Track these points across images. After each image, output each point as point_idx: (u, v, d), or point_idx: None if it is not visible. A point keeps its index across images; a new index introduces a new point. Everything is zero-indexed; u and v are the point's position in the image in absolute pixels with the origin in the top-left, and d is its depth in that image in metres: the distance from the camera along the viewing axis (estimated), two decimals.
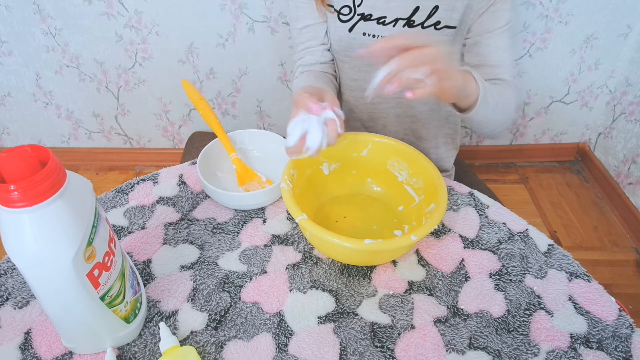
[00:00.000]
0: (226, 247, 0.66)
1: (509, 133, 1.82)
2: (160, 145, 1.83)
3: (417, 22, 0.80)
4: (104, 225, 0.48)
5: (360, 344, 0.55)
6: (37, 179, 0.39)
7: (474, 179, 1.09)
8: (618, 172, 1.69)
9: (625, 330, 0.57)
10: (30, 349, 0.53)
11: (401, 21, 0.81)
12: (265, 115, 1.72)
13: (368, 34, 0.83)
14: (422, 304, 0.59)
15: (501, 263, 0.65)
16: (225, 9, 1.43)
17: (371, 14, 0.81)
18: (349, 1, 0.81)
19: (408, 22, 0.81)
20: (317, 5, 0.84)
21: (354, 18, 0.82)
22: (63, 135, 1.79)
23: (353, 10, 0.82)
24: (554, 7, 1.46)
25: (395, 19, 0.81)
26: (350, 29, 0.83)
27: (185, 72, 1.58)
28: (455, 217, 0.71)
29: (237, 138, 0.80)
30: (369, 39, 0.84)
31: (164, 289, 0.60)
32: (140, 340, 0.55)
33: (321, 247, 0.63)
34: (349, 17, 0.82)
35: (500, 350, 0.55)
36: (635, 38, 1.55)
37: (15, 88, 1.63)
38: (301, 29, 0.88)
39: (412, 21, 0.80)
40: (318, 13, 0.85)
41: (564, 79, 1.65)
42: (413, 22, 0.80)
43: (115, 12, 1.44)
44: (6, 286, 0.60)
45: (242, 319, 0.57)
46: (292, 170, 0.64)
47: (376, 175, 0.73)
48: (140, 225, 0.69)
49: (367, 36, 0.83)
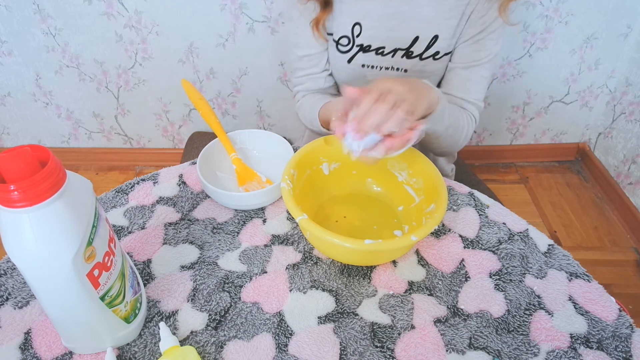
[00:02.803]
0: (226, 247, 0.66)
1: (509, 133, 1.82)
2: (160, 145, 1.83)
3: (415, 54, 0.79)
4: (104, 225, 0.48)
5: (360, 344, 0.55)
6: (37, 179, 0.39)
7: (474, 179, 1.09)
8: (618, 172, 1.69)
9: (625, 330, 0.57)
10: (30, 349, 0.53)
11: (400, 52, 0.80)
12: (265, 115, 1.72)
13: (367, 65, 0.82)
14: (422, 304, 0.59)
15: (501, 263, 0.65)
16: (225, 9, 1.43)
17: (370, 45, 0.80)
18: (347, 32, 0.80)
19: (407, 53, 0.80)
20: (314, 35, 0.82)
21: (353, 49, 0.81)
22: (63, 135, 1.79)
23: (352, 42, 0.80)
24: (554, 7, 1.46)
25: (394, 49, 0.80)
26: (349, 61, 0.82)
27: (185, 72, 1.58)
28: (455, 217, 0.71)
29: (237, 138, 0.80)
30: (369, 70, 0.83)
31: (164, 289, 0.60)
32: (140, 340, 0.55)
33: (321, 247, 0.63)
34: (348, 48, 0.81)
35: (500, 350, 0.55)
36: (635, 38, 1.55)
37: (15, 88, 1.63)
38: (301, 57, 0.86)
39: (411, 52, 0.79)
40: (317, 42, 0.83)
41: (564, 79, 1.65)
42: (412, 52, 0.79)
43: (115, 12, 1.44)
44: (6, 286, 0.60)
45: (242, 319, 0.57)
46: (292, 170, 0.64)
47: (376, 175, 0.73)
48: (140, 225, 0.69)
49: (367, 67, 0.82)
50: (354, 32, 0.79)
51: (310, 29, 0.81)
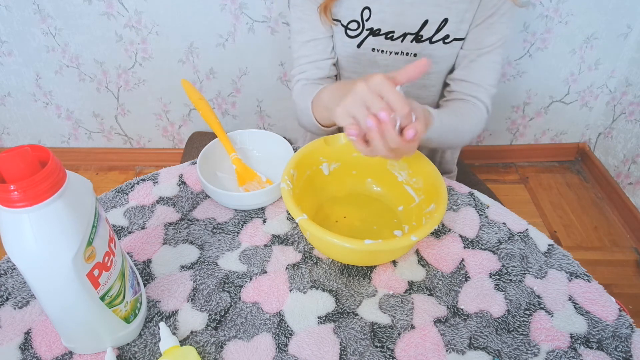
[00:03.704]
0: (226, 247, 0.66)
1: (509, 133, 1.82)
2: (160, 145, 1.83)
3: (425, 37, 0.79)
4: (104, 225, 0.48)
5: (360, 344, 0.55)
6: (37, 179, 0.39)
7: (474, 179, 1.09)
8: (618, 172, 1.69)
9: (625, 330, 0.57)
10: (30, 349, 0.53)
11: (409, 36, 0.79)
12: (265, 115, 1.72)
13: (377, 49, 0.81)
14: (422, 304, 0.59)
15: (501, 263, 0.65)
16: (225, 9, 1.43)
17: (380, 29, 0.79)
18: (357, 16, 0.79)
19: (416, 37, 0.79)
20: (321, 19, 0.80)
21: (363, 33, 0.80)
22: (63, 135, 1.79)
23: (361, 26, 0.80)
24: (554, 7, 1.46)
25: (403, 34, 0.79)
26: (359, 45, 0.81)
27: (185, 72, 1.59)
28: (455, 217, 0.71)
29: (237, 138, 0.80)
30: (378, 55, 0.82)
31: (164, 289, 0.60)
32: (140, 340, 0.55)
33: (321, 247, 0.63)
34: (358, 32, 0.80)
35: (500, 350, 0.55)
36: (635, 38, 1.55)
37: (15, 88, 1.64)
38: (306, 42, 0.84)
39: (420, 36, 0.79)
40: (324, 27, 0.82)
41: (564, 79, 1.65)
42: (421, 36, 0.79)
43: (115, 12, 1.44)
44: (6, 286, 0.60)
45: (242, 319, 0.57)
46: (292, 170, 0.64)
47: (376, 175, 0.73)
48: (140, 225, 0.69)
49: (377, 52, 0.82)
50: (364, 16, 0.79)
51: (316, 14, 0.81)
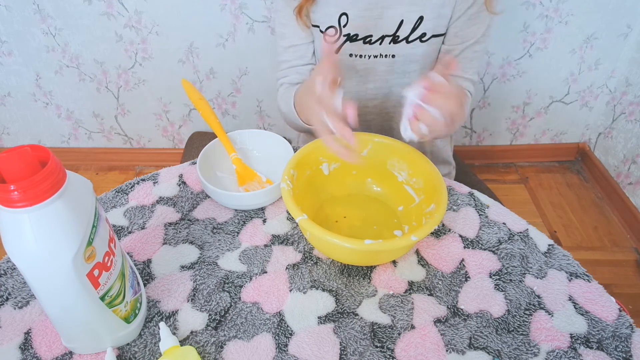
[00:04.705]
0: (226, 247, 0.66)
1: (509, 133, 1.82)
2: (160, 145, 1.83)
3: (401, 37, 0.79)
4: (104, 225, 0.48)
5: (360, 344, 0.55)
6: (37, 179, 0.39)
7: (474, 179, 1.09)
8: (618, 172, 1.69)
9: (625, 330, 0.57)
10: (30, 349, 0.53)
11: (387, 38, 0.80)
12: (265, 115, 1.72)
13: (355, 54, 0.82)
14: (422, 304, 0.59)
15: (501, 263, 0.65)
16: (225, 9, 1.43)
17: (357, 34, 0.80)
18: (334, 22, 0.80)
19: (393, 38, 0.80)
20: (298, 23, 0.81)
21: (340, 39, 0.81)
22: (63, 135, 1.79)
23: (339, 32, 0.80)
24: (554, 7, 1.46)
25: (381, 37, 0.79)
26: (336, 51, 0.81)
27: (185, 72, 1.59)
28: (455, 217, 0.71)
29: (237, 138, 0.80)
30: (356, 60, 0.83)
31: (164, 289, 0.60)
32: (140, 340, 0.55)
33: (321, 247, 0.63)
34: (335, 38, 0.81)
35: (500, 350, 0.55)
36: (635, 38, 1.55)
37: (15, 88, 1.64)
38: (287, 48, 0.85)
39: (397, 36, 0.79)
40: (304, 33, 0.83)
41: (564, 79, 1.65)
42: (398, 37, 0.79)
43: (115, 12, 1.44)
44: (6, 286, 0.60)
45: (242, 319, 0.57)
46: (292, 170, 0.64)
47: (376, 175, 0.73)
48: (140, 225, 0.69)
49: (354, 57, 0.82)
50: (341, 22, 0.79)
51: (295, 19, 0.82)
